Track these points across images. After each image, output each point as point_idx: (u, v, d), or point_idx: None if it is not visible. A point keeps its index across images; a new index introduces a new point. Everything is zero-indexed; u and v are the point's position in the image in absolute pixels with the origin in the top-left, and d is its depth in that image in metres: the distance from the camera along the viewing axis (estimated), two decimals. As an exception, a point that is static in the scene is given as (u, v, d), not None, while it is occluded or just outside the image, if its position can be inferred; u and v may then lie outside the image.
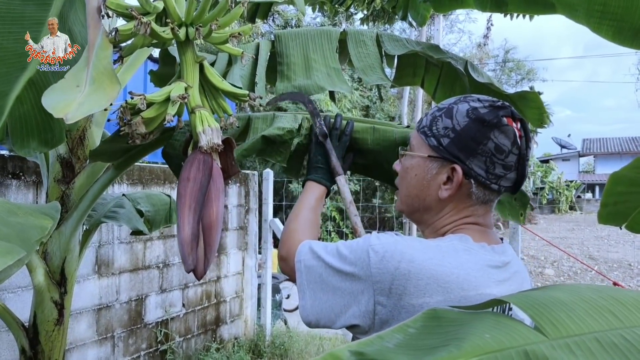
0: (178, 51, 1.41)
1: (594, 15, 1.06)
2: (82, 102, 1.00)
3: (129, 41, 1.33)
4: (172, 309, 4.30)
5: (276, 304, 6.48)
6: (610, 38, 1.07)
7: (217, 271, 4.92)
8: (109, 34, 1.24)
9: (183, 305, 4.45)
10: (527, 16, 4.01)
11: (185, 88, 1.35)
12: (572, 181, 23.69)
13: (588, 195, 27.29)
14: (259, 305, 5.60)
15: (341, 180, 1.41)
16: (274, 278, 5.89)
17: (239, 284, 5.25)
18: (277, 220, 5.50)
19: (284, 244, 1.25)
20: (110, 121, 1.91)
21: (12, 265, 0.98)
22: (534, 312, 0.55)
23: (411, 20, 2.72)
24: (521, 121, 1.06)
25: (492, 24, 21.66)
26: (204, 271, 1.30)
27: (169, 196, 2.61)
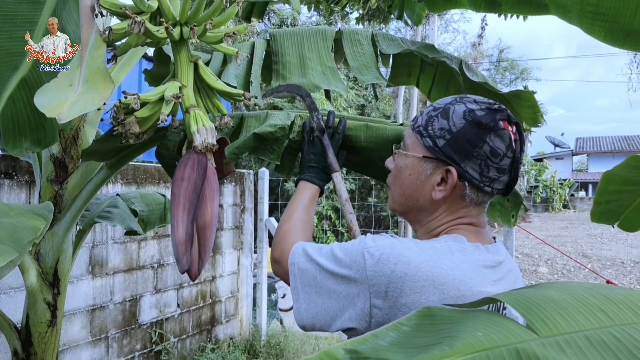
0: (172, 50, 1.40)
1: (587, 16, 1.06)
2: (75, 102, 1.00)
3: (123, 40, 1.33)
4: (167, 309, 4.29)
5: (272, 304, 6.48)
6: (602, 39, 1.08)
7: (212, 271, 4.91)
8: (103, 33, 1.24)
9: (178, 305, 4.44)
10: (521, 16, 4.02)
11: (179, 87, 1.35)
12: (566, 180, 23.79)
13: (581, 193, 27.42)
14: (255, 304, 5.59)
15: (338, 177, 1.39)
16: (270, 277, 5.89)
17: (235, 284, 5.25)
18: (273, 219, 5.50)
19: (277, 246, 1.23)
20: (103, 121, 1.91)
21: (4, 266, 0.98)
22: (526, 311, 0.55)
23: (407, 19, 2.73)
24: (517, 125, 1.06)
25: (487, 24, 21.73)
26: (199, 271, 1.30)
27: (164, 196, 2.61)
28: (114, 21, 1.33)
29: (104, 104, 1.09)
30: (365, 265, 0.97)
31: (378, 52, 1.95)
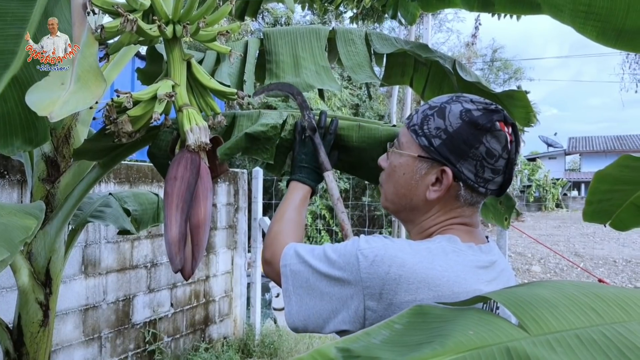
0: (165, 49, 1.40)
1: (579, 15, 1.07)
2: (67, 100, 1.00)
3: (115, 38, 1.32)
4: (160, 309, 4.28)
5: (266, 303, 6.48)
6: (594, 38, 1.08)
7: (206, 270, 4.90)
8: (95, 31, 1.23)
9: (171, 305, 4.43)
10: (514, 16, 4.03)
11: (172, 86, 1.34)
12: (559, 179, 23.90)
13: (574, 193, 27.57)
14: (249, 304, 5.59)
15: (329, 176, 1.38)
16: (264, 277, 5.88)
17: (228, 283, 5.24)
18: (267, 218, 5.49)
19: (268, 247, 1.21)
20: (96, 119, 1.90)
21: (-4, 265, 0.97)
22: (517, 309, 0.55)
23: (401, 18, 2.73)
24: (513, 126, 1.05)
25: (480, 24, 21.75)
26: (192, 271, 1.30)
27: (157, 195, 2.60)
28: (106, 19, 1.33)
29: (96, 103, 1.09)
30: (359, 267, 0.96)
31: (372, 52, 1.96)
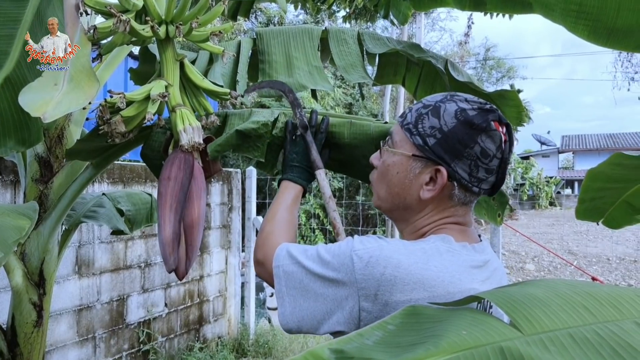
0: (158, 49, 1.39)
1: (570, 15, 1.07)
2: (60, 101, 0.99)
3: (108, 39, 1.32)
4: (155, 309, 4.27)
5: (260, 303, 6.48)
6: (585, 37, 1.09)
7: (200, 270, 4.89)
8: (88, 32, 1.23)
9: (165, 305, 4.42)
10: (507, 15, 4.05)
11: (165, 86, 1.34)
12: (552, 177, 23.98)
13: (567, 191, 27.69)
14: (243, 303, 5.58)
15: (321, 174, 1.37)
16: (257, 276, 5.88)
17: (222, 283, 5.23)
18: (261, 218, 5.49)
19: (260, 248, 1.20)
20: (89, 120, 1.89)
21: (-11, 266, 0.97)
22: (510, 309, 0.56)
23: (393, 18, 2.73)
24: (507, 125, 1.05)
25: (473, 23, 21.80)
26: (186, 271, 1.30)
27: (150, 195, 2.59)
28: (99, 19, 1.32)
29: (89, 103, 1.09)
30: (353, 268, 0.95)
31: (364, 51, 1.96)
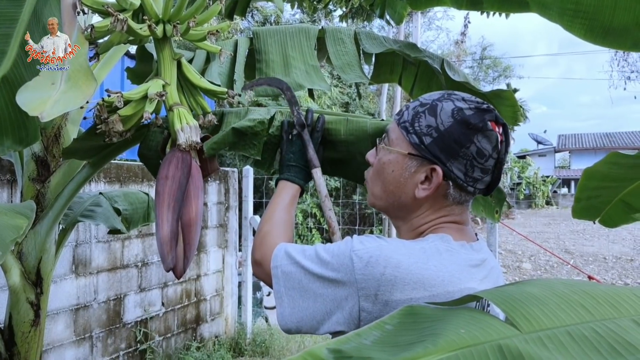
0: (155, 48, 1.39)
1: (567, 13, 1.07)
2: (58, 100, 0.99)
3: (105, 38, 1.32)
4: (152, 308, 4.27)
5: (257, 302, 6.48)
6: (582, 36, 1.09)
7: (197, 269, 4.89)
8: (85, 31, 1.23)
9: (162, 304, 4.41)
10: (503, 14, 4.05)
11: (163, 85, 1.34)
12: (548, 176, 24.01)
13: (564, 190, 27.72)
14: (240, 303, 5.58)
15: (318, 172, 1.36)
16: (256, 277, 5.87)
17: (219, 282, 5.23)
18: (258, 217, 5.48)
19: (258, 248, 1.19)
20: (86, 119, 1.89)
21: (-13, 266, 0.97)
22: (508, 307, 0.56)
23: (388, 18, 2.74)
24: (503, 126, 1.05)
25: (470, 22, 21.79)
26: (184, 270, 1.30)
27: (147, 194, 2.59)
28: (96, 19, 1.32)
29: (87, 102, 1.09)
30: (353, 268, 0.95)
31: (361, 51, 1.96)
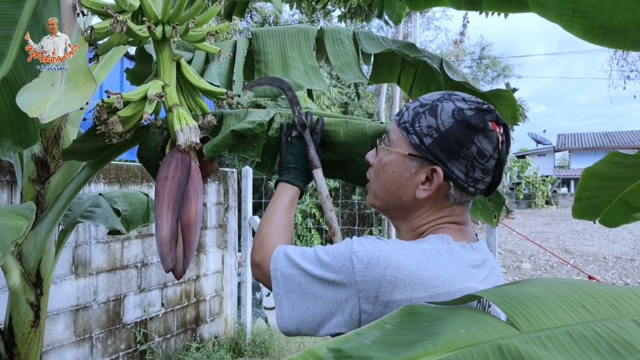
0: (155, 49, 1.40)
1: (566, 13, 1.08)
2: (58, 101, 0.99)
3: (105, 39, 1.32)
4: (151, 309, 4.27)
5: (256, 302, 6.48)
6: (581, 36, 1.09)
7: (197, 270, 4.89)
8: (84, 32, 1.23)
9: (162, 304, 4.41)
10: (502, 14, 4.05)
11: (162, 86, 1.34)
12: (548, 176, 24.02)
13: (563, 189, 27.73)
14: (239, 303, 5.58)
15: (319, 173, 1.36)
16: (255, 279, 5.86)
17: (219, 283, 5.23)
18: (257, 217, 5.48)
19: (258, 250, 1.19)
20: (86, 120, 1.89)
21: (-13, 267, 0.97)
22: (508, 307, 0.56)
23: (387, 18, 2.74)
24: (504, 126, 1.05)
25: (468, 22, 21.78)
26: (184, 270, 1.30)
27: (147, 195, 2.59)
28: (96, 20, 1.32)
29: (86, 104, 1.09)
30: (353, 269, 0.94)
31: (360, 51, 1.96)
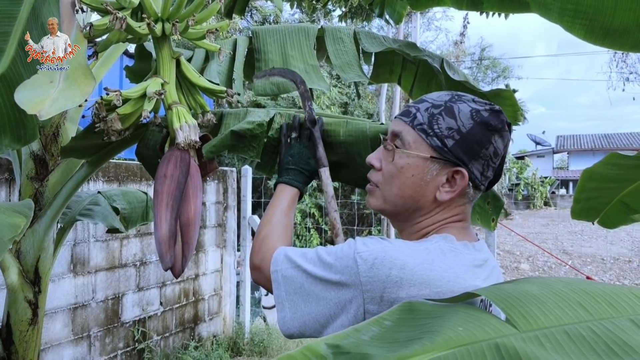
0: (154, 47, 1.39)
1: (567, 14, 1.08)
2: (56, 98, 0.99)
3: (104, 36, 1.32)
4: (150, 308, 4.27)
5: (255, 301, 6.47)
6: (582, 37, 1.10)
7: (195, 269, 4.89)
8: (84, 29, 1.22)
9: (161, 303, 4.41)
10: (503, 14, 4.06)
11: (161, 84, 1.34)
12: (547, 177, 24.07)
13: (562, 191, 27.76)
14: (238, 302, 5.58)
15: (326, 172, 1.34)
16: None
17: (218, 282, 5.23)
18: (256, 217, 5.48)
19: (257, 252, 1.18)
20: (85, 117, 1.89)
21: (-16, 263, 0.97)
22: (506, 305, 0.56)
23: (388, 17, 2.73)
24: (509, 125, 1.06)
25: (469, 22, 21.80)
26: (182, 269, 1.30)
27: (146, 193, 2.59)
28: (95, 17, 1.32)
29: (85, 101, 1.08)
30: (358, 270, 0.93)
31: (360, 50, 1.96)
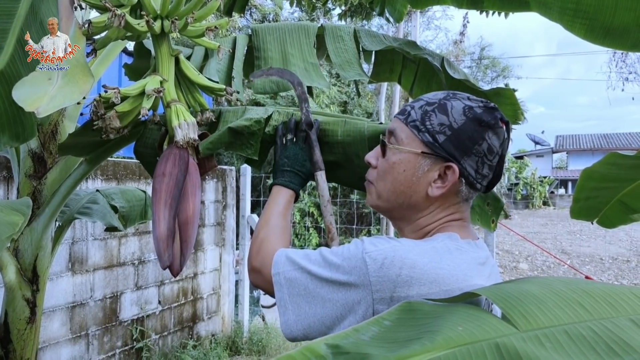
0: (153, 44, 1.39)
1: (567, 13, 1.08)
2: (54, 96, 0.99)
3: (103, 34, 1.31)
4: (148, 306, 4.26)
5: (254, 300, 6.47)
6: (582, 36, 1.09)
7: (194, 268, 4.89)
8: (82, 26, 1.22)
9: (159, 302, 4.41)
10: (503, 14, 4.05)
11: (160, 82, 1.33)
12: (546, 177, 24.07)
13: (561, 190, 27.78)
14: (237, 301, 5.58)
15: (322, 176, 1.33)
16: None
17: (216, 281, 5.23)
18: (255, 216, 5.48)
19: (256, 255, 1.16)
20: (83, 115, 1.88)
21: (-18, 261, 0.96)
22: (506, 305, 0.56)
23: (388, 16, 2.73)
24: (507, 123, 1.06)
25: (468, 22, 21.81)
26: (181, 268, 1.29)
27: (144, 192, 2.59)
28: (94, 14, 1.32)
29: (84, 98, 1.08)
30: (367, 270, 0.92)
31: (360, 49, 1.96)
